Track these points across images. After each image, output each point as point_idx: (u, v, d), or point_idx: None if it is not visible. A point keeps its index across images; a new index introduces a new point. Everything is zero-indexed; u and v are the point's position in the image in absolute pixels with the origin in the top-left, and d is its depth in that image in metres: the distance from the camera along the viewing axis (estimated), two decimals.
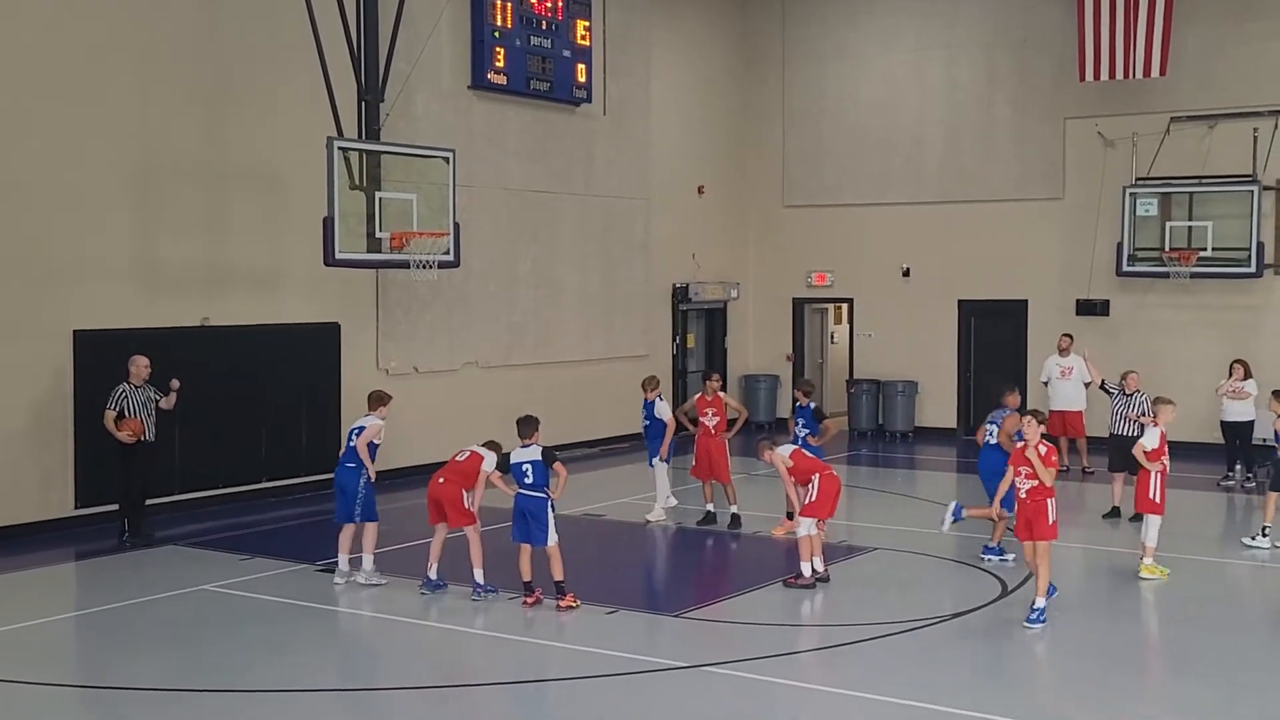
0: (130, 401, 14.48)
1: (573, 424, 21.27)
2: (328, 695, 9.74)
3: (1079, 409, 19.78)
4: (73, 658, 11.05)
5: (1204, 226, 20.93)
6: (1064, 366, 19.97)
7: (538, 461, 11.81)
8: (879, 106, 24.50)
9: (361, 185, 15.43)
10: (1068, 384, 19.85)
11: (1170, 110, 21.62)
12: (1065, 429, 19.77)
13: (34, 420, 15.05)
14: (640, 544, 15.30)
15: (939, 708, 9.33)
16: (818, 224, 25.12)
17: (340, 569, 12.73)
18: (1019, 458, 11.44)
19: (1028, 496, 11.36)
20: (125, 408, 14.43)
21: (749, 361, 25.85)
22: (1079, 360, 19.63)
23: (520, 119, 20.80)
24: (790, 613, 12.03)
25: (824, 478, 12.64)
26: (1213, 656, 10.64)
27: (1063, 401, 19.87)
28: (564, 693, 9.79)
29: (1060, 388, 19.93)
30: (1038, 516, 11.31)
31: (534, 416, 12.25)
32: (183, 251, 16.38)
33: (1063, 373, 19.92)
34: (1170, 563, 13.46)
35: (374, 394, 13.11)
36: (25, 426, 14.96)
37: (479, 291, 20.15)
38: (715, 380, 16.14)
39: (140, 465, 14.65)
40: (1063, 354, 20.10)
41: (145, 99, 15.91)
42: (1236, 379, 18.13)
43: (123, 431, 14.37)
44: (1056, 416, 19.81)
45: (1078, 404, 19.83)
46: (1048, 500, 11.30)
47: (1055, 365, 20.11)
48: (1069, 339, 20.28)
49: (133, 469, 14.61)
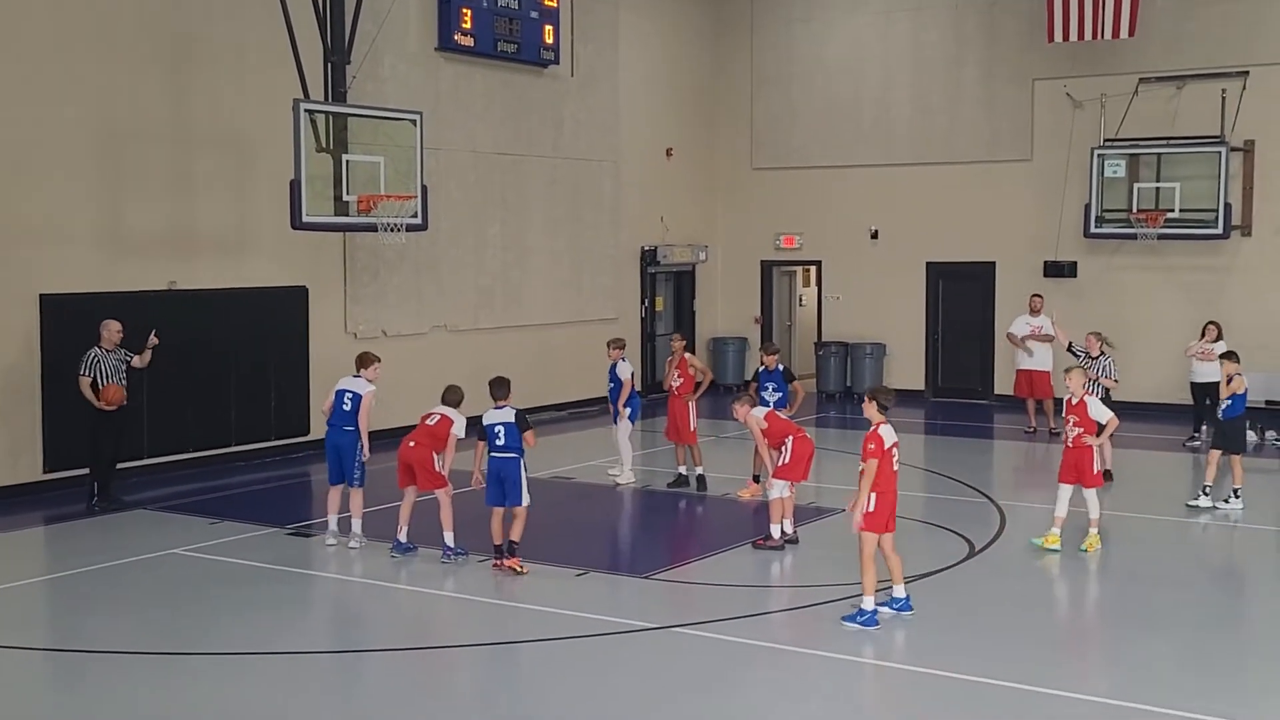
0: (103, 366, 14.37)
1: (541, 387, 21.26)
2: (299, 658, 9.75)
3: (1046, 370, 19.91)
4: (43, 621, 11.02)
5: (1172, 188, 21.03)
6: (1034, 326, 20.08)
7: (510, 423, 11.81)
8: (847, 69, 24.47)
9: (328, 148, 15.33)
10: (1037, 344, 19.97)
11: (1139, 71, 21.68)
12: (1032, 390, 19.92)
13: (1, 385, 14.92)
14: (609, 506, 15.35)
15: (908, 667, 9.45)
16: (786, 187, 25.13)
17: (331, 529, 12.72)
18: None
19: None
20: (98, 373, 14.33)
21: (718, 324, 25.88)
22: (1048, 320, 19.77)
23: (488, 81, 20.68)
24: (760, 574, 12.11)
25: (797, 440, 12.68)
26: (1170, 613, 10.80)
27: (1031, 362, 20.00)
28: (534, 654, 9.83)
29: (1031, 346, 20.02)
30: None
31: (506, 378, 12.23)
32: (148, 215, 16.25)
33: (1033, 332, 20.04)
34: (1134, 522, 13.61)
35: (365, 354, 12.97)
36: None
37: (447, 255, 20.08)
38: (677, 341, 16.19)
39: (111, 429, 14.58)
40: (1034, 314, 20.21)
41: (108, 61, 15.73)
42: (1208, 340, 18.21)
43: (102, 400, 14.26)
44: (1024, 376, 19.96)
45: (1046, 365, 19.95)
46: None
47: (1025, 325, 20.22)
48: (1040, 299, 20.41)
49: (104, 433, 14.54)
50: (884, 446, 10.12)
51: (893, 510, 10.25)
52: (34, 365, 15.13)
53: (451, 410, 12.33)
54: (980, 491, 15.47)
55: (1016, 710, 8.66)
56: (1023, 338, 20.09)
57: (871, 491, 10.13)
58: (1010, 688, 8.94)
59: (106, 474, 14.69)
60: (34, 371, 15.14)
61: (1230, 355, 15.01)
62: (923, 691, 9.02)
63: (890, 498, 10.20)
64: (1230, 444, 14.46)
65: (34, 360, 15.13)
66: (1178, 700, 8.66)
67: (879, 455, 10.10)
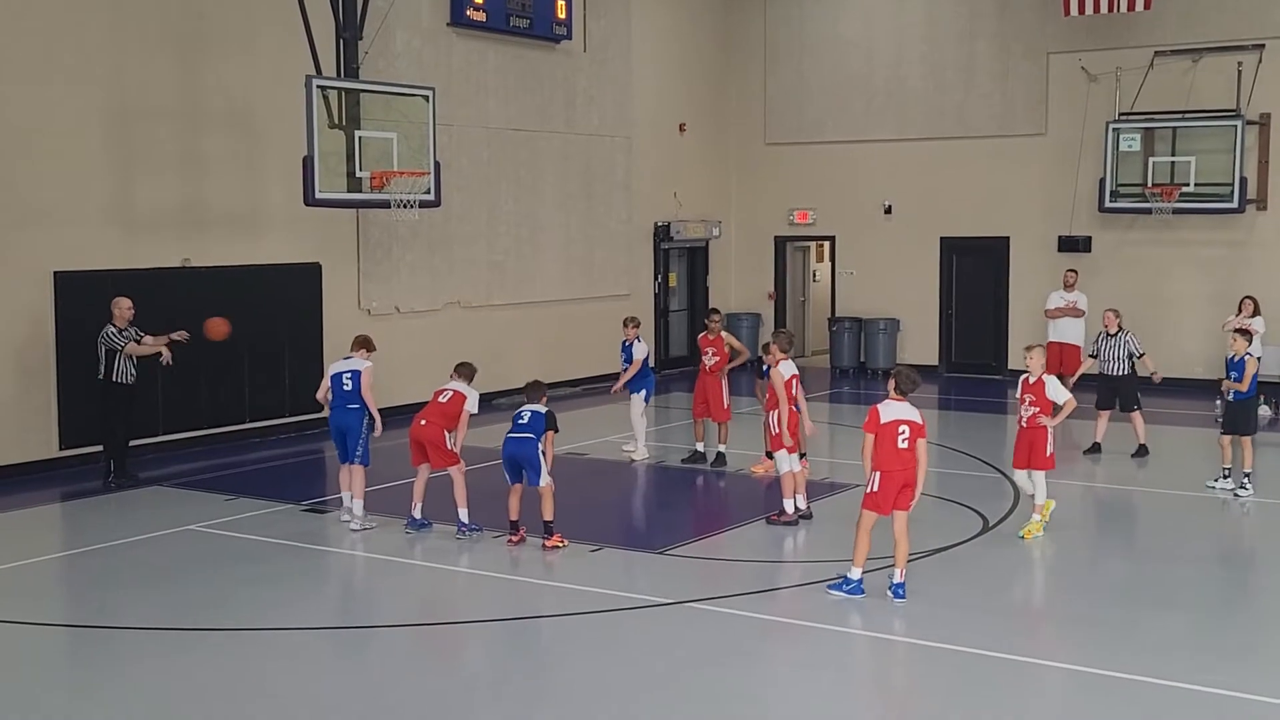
0: (119, 342, 14.45)
1: (555, 363, 21.28)
2: (315, 633, 9.80)
3: (1078, 344, 19.84)
4: (62, 597, 11.07)
5: (1187, 162, 20.93)
6: (1069, 300, 20.07)
7: (539, 412, 11.80)
8: (860, 42, 24.35)
9: (341, 124, 15.32)
10: (1069, 320, 19.95)
11: (1154, 44, 21.54)
12: (1063, 363, 19.88)
13: (16, 362, 14.99)
14: (624, 482, 15.37)
15: (923, 642, 9.45)
16: (799, 162, 25.04)
17: (345, 505, 12.75)
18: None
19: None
20: (115, 348, 14.40)
21: (730, 300, 25.84)
22: (1082, 296, 19.77)
23: (500, 56, 20.63)
24: (773, 549, 12.12)
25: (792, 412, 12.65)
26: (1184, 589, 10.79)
27: (1063, 335, 19.97)
28: (549, 629, 9.86)
29: (1062, 321, 20.02)
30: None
31: (541, 382, 12.27)
32: (162, 192, 16.26)
33: (1066, 306, 20.02)
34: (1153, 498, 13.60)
35: (361, 337, 13.00)
36: (7, 369, 14.91)
37: (460, 231, 20.07)
38: (715, 319, 16.09)
39: (124, 406, 14.65)
40: (1068, 289, 20.20)
41: (120, 39, 15.72)
42: (1245, 315, 18.00)
43: (212, 333, 14.76)
44: (1055, 349, 19.86)
45: (1076, 339, 19.91)
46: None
47: (1060, 299, 20.21)
48: (1074, 274, 20.39)
49: (117, 410, 14.61)
50: (879, 421, 10.08)
51: (901, 491, 10.15)
52: (48, 342, 15.19)
53: (464, 385, 12.34)
54: (993, 467, 15.46)
55: (1030, 685, 8.68)
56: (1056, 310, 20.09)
57: (874, 471, 10.11)
58: (1024, 662, 8.96)
59: (122, 451, 14.75)
60: (48, 349, 15.19)
61: (1244, 333, 14.61)
62: (937, 666, 9.04)
63: (896, 477, 10.11)
64: (1241, 426, 14.14)
65: (48, 337, 15.18)
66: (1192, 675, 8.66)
67: (873, 429, 10.07)
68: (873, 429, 10.07)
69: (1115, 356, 16.02)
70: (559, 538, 11.76)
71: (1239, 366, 14.01)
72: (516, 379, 20.56)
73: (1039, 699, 8.52)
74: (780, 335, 13.08)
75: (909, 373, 10.44)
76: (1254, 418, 14.49)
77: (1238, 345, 14.11)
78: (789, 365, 12.83)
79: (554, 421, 11.87)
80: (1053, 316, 20.25)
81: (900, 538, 10.19)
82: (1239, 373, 14.02)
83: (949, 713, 8.23)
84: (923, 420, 10.25)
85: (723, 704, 8.33)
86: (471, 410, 12.23)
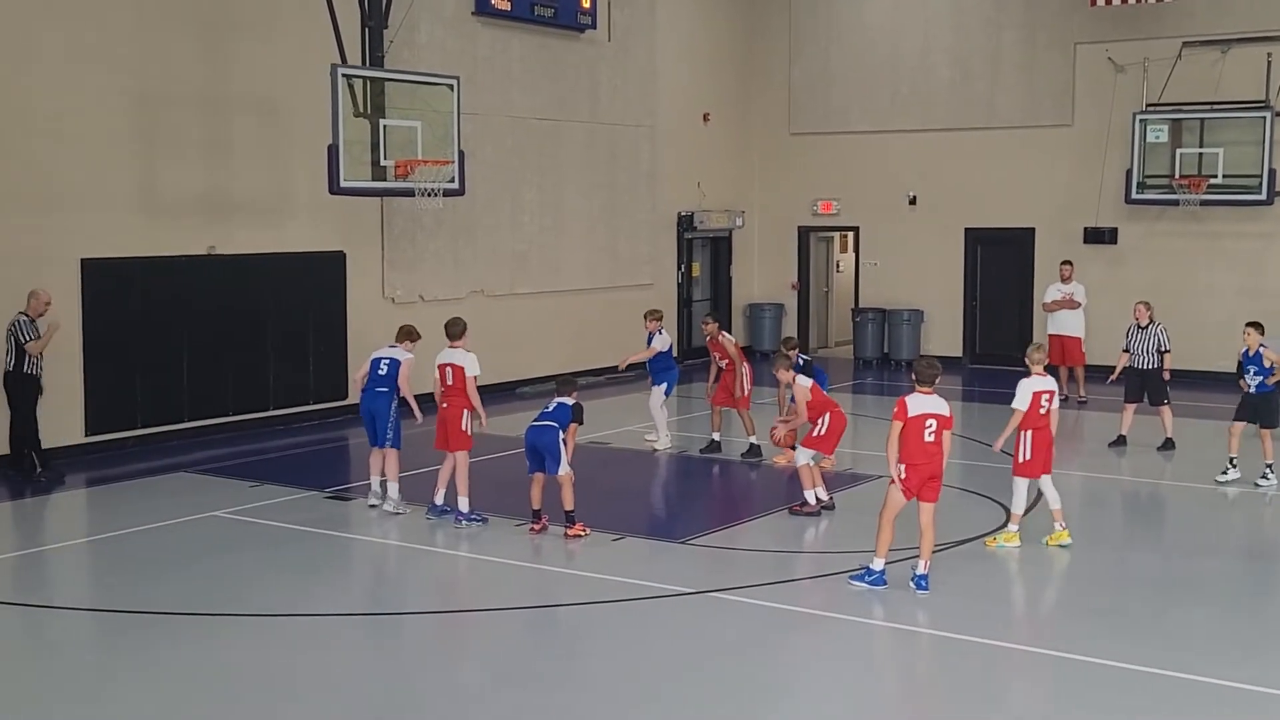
0: (32, 332, 14.05)
1: (577, 352, 21.29)
2: (340, 619, 9.84)
3: (1079, 336, 19.78)
4: (88, 582, 11.15)
5: (1215, 153, 20.80)
6: (1065, 293, 20.00)
7: (565, 404, 11.84)
8: (886, 32, 24.25)
9: (365, 113, 15.33)
10: (1068, 312, 19.88)
11: (1182, 35, 21.39)
12: (1064, 357, 19.81)
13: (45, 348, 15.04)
14: (646, 471, 15.38)
15: (945, 633, 9.43)
16: (824, 151, 24.97)
17: (373, 490, 12.80)
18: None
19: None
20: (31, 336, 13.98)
21: (754, 290, 25.81)
22: (1080, 288, 19.68)
23: (524, 46, 20.62)
24: (795, 540, 12.12)
25: (834, 416, 12.75)
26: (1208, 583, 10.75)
27: (1062, 327, 19.89)
28: (571, 618, 9.88)
29: (1060, 314, 19.96)
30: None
31: (574, 378, 12.31)
32: (187, 180, 16.33)
33: (1063, 299, 19.96)
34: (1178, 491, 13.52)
35: (405, 328, 12.98)
36: None
37: (484, 220, 20.09)
38: (707, 324, 16.03)
39: (35, 396, 14.24)
40: (1064, 281, 20.13)
41: (146, 27, 15.78)
42: None
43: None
44: (1056, 342, 19.80)
45: (1076, 331, 19.83)
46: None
47: (1057, 291, 20.13)
48: (1070, 266, 20.33)
49: (29, 401, 14.16)
50: (907, 413, 10.08)
51: (927, 483, 10.13)
52: (75, 329, 15.26)
53: (457, 354, 12.28)
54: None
55: (1052, 677, 8.65)
56: (1053, 303, 20.02)
57: (900, 463, 10.10)
58: (1045, 654, 8.93)
59: (37, 441, 14.26)
60: (75, 335, 15.27)
61: (1256, 325, 14.27)
62: (959, 658, 9.01)
63: (921, 470, 10.10)
64: (1265, 418, 14.02)
65: (75, 324, 15.26)
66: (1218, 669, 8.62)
67: (901, 418, 10.07)
68: (901, 419, 10.06)
69: (1145, 349, 15.90)
70: (581, 526, 11.78)
71: (1256, 360, 13.95)
72: (540, 368, 20.71)
73: (1062, 692, 8.48)
74: (780, 358, 13.51)
75: (927, 362, 10.43)
76: (1277, 410, 14.24)
77: (1250, 339, 14.04)
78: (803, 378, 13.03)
79: (580, 414, 11.89)
80: (1050, 309, 20.16)
81: (927, 530, 10.18)
82: (1258, 366, 13.95)
83: (972, 704, 8.21)
84: (950, 413, 10.23)
85: (744, 694, 8.33)
86: (474, 372, 12.18)
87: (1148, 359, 15.89)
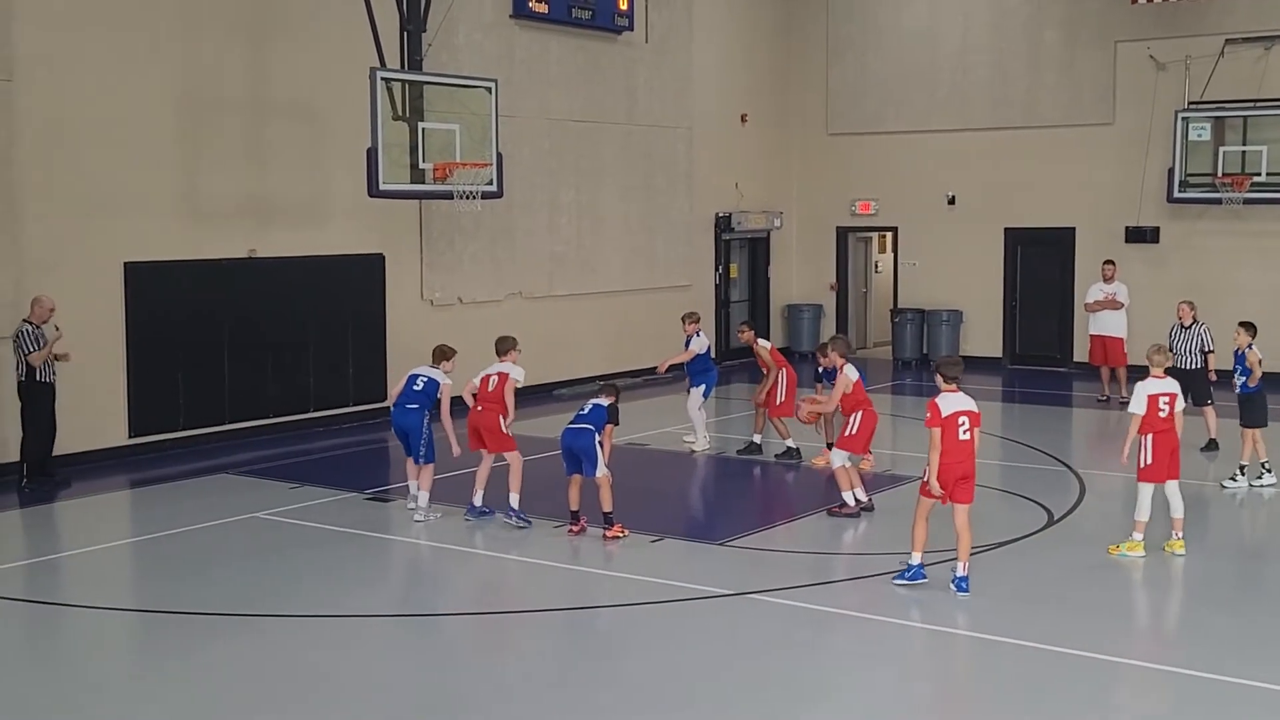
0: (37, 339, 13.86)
1: (615, 354, 21.32)
2: (380, 620, 9.90)
3: (1120, 336, 19.64)
4: (129, 582, 11.26)
5: (1258, 151, 20.60)
6: (1107, 293, 19.87)
7: (601, 405, 11.87)
8: (924, 31, 24.15)
9: (404, 116, 15.42)
10: (1110, 311, 19.75)
11: (1225, 32, 21.20)
12: (1106, 357, 19.66)
13: (87, 351, 15.20)
14: (684, 473, 15.37)
15: (983, 635, 9.38)
16: (862, 152, 24.89)
17: (411, 493, 12.82)
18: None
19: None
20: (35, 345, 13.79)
21: (792, 291, 25.76)
22: (1122, 288, 19.54)
23: (562, 48, 20.67)
24: (834, 541, 12.09)
25: (867, 414, 12.74)
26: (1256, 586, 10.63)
27: (1104, 327, 19.76)
28: (609, 619, 9.89)
29: (1102, 314, 19.83)
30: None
31: (616, 385, 12.38)
32: (228, 183, 16.46)
33: (1105, 299, 19.82)
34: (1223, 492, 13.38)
35: (441, 348, 12.84)
36: (79, 358, 15.11)
37: (522, 222, 20.16)
38: (744, 332, 16.04)
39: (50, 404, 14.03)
40: (1107, 281, 19.99)
41: (190, 32, 15.92)
42: None
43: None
44: (1098, 342, 19.66)
45: (1119, 331, 19.69)
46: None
47: (1100, 291, 20.00)
48: (1112, 266, 20.19)
49: (44, 409, 13.95)
50: (940, 415, 10.04)
51: (959, 482, 10.10)
52: (119, 332, 15.42)
53: (505, 365, 12.40)
54: (1059, 460, 15.30)
55: (1088, 679, 8.58)
56: (1095, 303, 19.89)
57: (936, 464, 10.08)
58: (1083, 656, 8.85)
59: (45, 452, 14.08)
60: (119, 338, 15.43)
61: (1247, 325, 14.13)
62: (997, 659, 8.96)
63: (954, 469, 10.05)
64: (1246, 416, 13.93)
65: (119, 327, 15.42)
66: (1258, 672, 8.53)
67: (935, 423, 10.04)
68: (937, 423, 10.03)
69: (1189, 350, 15.73)
70: (619, 528, 11.79)
71: (1240, 360, 13.91)
72: (577, 369, 20.77)
73: (1103, 695, 8.42)
74: (839, 340, 13.48)
75: (949, 360, 10.54)
76: (1264, 410, 14.01)
77: (1240, 339, 13.93)
78: (852, 369, 12.94)
79: (616, 415, 11.90)
80: (1092, 310, 20.03)
81: (962, 531, 10.13)
82: (1241, 366, 13.91)
83: (1011, 708, 8.16)
84: (978, 409, 10.23)
85: (782, 695, 8.31)
86: (518, 380, 12.31)
87: (1191, 359, 15.73)
